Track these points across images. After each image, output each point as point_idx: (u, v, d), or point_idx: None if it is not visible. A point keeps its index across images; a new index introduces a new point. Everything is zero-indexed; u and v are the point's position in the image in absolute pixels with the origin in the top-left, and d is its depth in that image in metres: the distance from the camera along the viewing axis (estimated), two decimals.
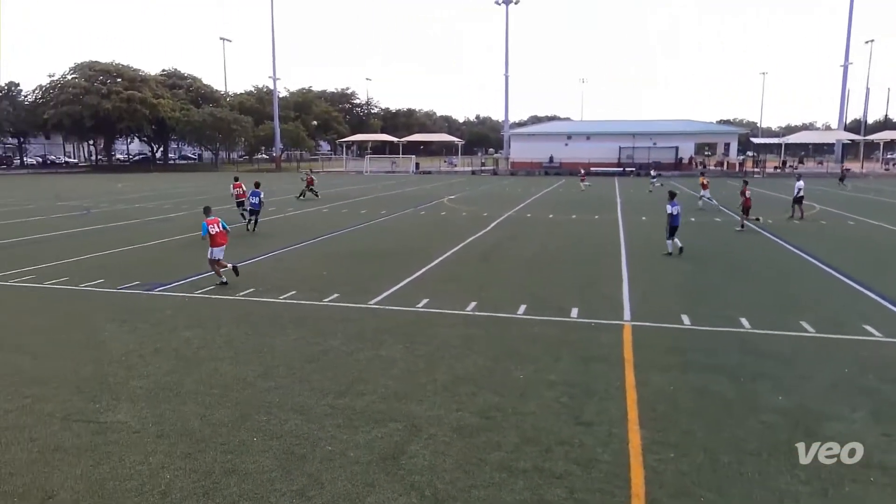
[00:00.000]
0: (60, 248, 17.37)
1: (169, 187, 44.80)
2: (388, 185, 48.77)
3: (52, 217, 25.45)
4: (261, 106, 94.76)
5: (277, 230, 21.36)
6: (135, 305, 10.96)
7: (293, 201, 31.90)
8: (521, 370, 7.90)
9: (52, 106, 75.08)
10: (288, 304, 10.99)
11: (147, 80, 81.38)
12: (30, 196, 36.55)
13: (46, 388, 7.28)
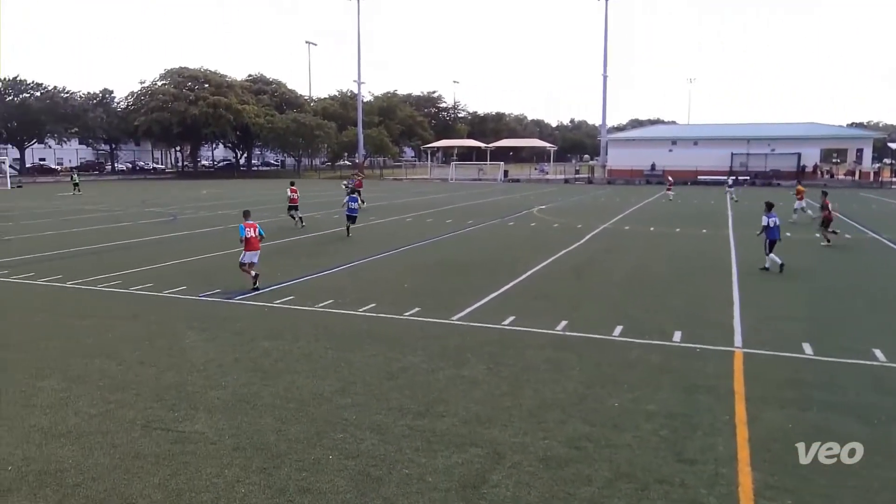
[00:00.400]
0: (146, 254, 18.54)
1: (251, 194, 46.97)
2: (475, 193, 48.99)
3: (140, 223, 27.25)
4: (344, 111, 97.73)
5: (359, 239, 21.89)
6: (215, 314, 11.53)
7: (375, 209, 32.64)
8: (616, 398, 7.68)
9: (142, 112, 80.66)
10: (367, 318, 11.22)
11: (233, 86, 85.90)
12: (119, 202, 39.34)
13: (129, 394, 7.76)
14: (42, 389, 7.89)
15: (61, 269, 15.86)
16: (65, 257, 18.10)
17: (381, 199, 42.26)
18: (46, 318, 11.26)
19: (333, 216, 29.64)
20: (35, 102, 77.24)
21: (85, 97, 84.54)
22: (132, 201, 39.48)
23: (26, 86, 79.40)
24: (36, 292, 13.48)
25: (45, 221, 27.90)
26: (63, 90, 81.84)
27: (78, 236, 22.69)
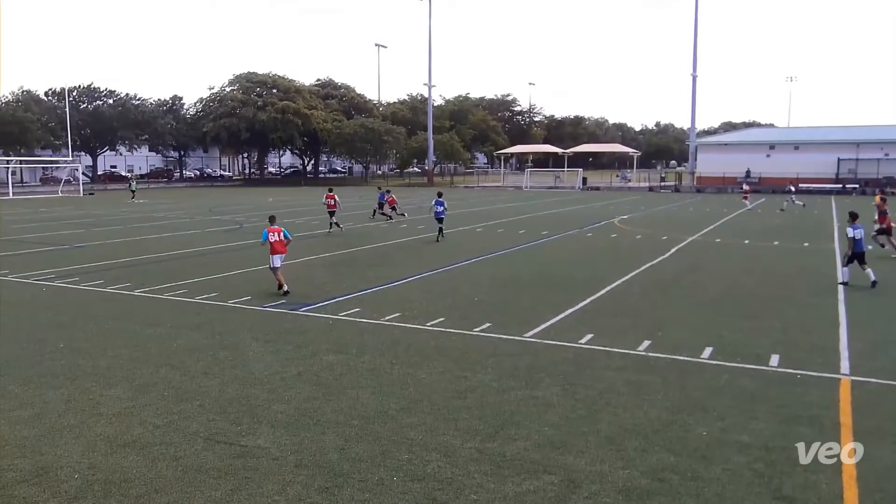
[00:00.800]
0: (212, 262, 19.28)
1: (317, 202, 48.09)
2: (551, 202, 48.64)
3: (206, 231, 28.36)
4: (414, 116, 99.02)
5: (428, 250, 22.09)
6: (279, 325, 11.85)
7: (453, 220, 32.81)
8: (705, 426, 7.43)
9: (210, 119, 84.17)
10: (435, 332, 11.28)
11: (301, 91, 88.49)
12: (187, 209, 41.08)
13: (192, 405, 8.06)
14: (109, 398, 8.30)
15: (130, 276, 16.67)
16: (133, 265, 19.01)
17: (450, 208, 42.43)
18: (115, 326, 11.84)
19: (400, 226, 30.02)
20: (108, 109, 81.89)
21: (155, 104, 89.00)
22: (199, 209, 41.14)
23: (99, 93, 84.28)
24: (105, 300, 14.22)
25: (115, 229, 29.40)
26: (134, 97, 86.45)
27: (146, 244, 23.81)
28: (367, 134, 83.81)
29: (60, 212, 40.28)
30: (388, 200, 33.56)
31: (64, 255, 21.05)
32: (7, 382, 8.80)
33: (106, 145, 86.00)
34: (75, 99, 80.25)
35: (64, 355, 10.03)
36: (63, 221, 33.33)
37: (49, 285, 15.68)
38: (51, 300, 14.23)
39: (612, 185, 73.76)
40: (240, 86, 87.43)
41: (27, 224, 32.01)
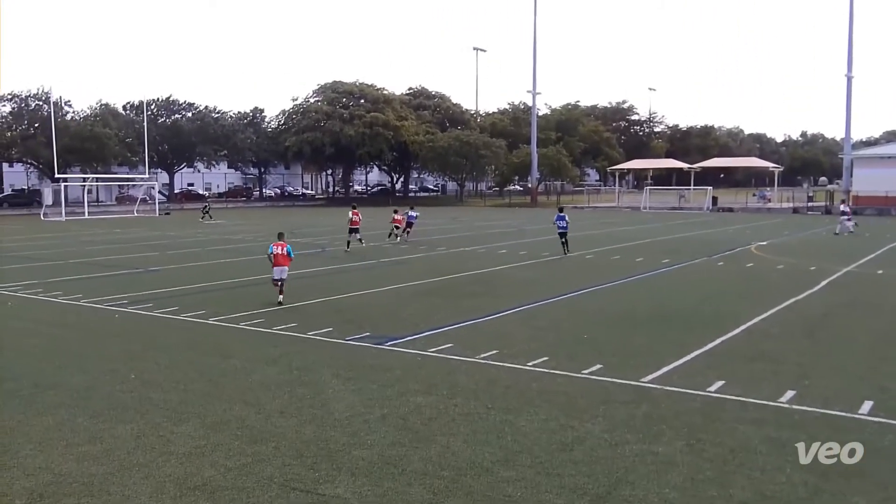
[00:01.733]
0: (291, 289, 19.83)
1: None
2: (674, 225, 47.53)
3: None
4: (516, 127, 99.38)
5: (531, 279, 22.00)
6: (362, 361, 12.05)
7: (549, 244, 32.68)
8: (863, 496, 6.98)
9: (293, 132, 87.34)
10: (538, 374, 11.18)
11: (391, 101, 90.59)
12: (267, 231, 42.66)
13: (267, 447, 8.29)
14: (179, 435, 8.66)
15: (205, 303, 17.43)
16: (208, 291, 19.89)
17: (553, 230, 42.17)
18: (188, 358, 12.39)
19: (499, 251, 30.07)
20: (186, 123, 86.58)
21: (235, 117, 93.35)
22: (280, 230, 42.57)
23: (178, 106, 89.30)
24: (179, 328, 14.92)
25: (191, 251, 30.88)
26: (214, 109, 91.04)
27: (223, 268, 24.87)
28: (462, 147, 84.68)
29: (135, 233, 42.74)
30: (394, 220, 35.16)
31: (138, 280, 22.27)
32: (77, 414, 9.34)
33: (183, 162, 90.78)
34: (153, 112, 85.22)
35: (135, 387, 10.56)
36: (138, 243, 35.33)
37: (121, 311, 16.61)
38: (123, 327, 15.05)
39: (747, 205, 71.35)
40: (325, 96, 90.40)
41: (101, 246, 34.11)
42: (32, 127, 74.44)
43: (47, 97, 71.96)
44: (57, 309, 17.22)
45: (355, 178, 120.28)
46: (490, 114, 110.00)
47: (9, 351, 12.91)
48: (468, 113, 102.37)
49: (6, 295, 19.03)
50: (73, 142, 71.14)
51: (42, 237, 39.75)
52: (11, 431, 8.74)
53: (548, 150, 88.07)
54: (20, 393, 10.25)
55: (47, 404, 9.74)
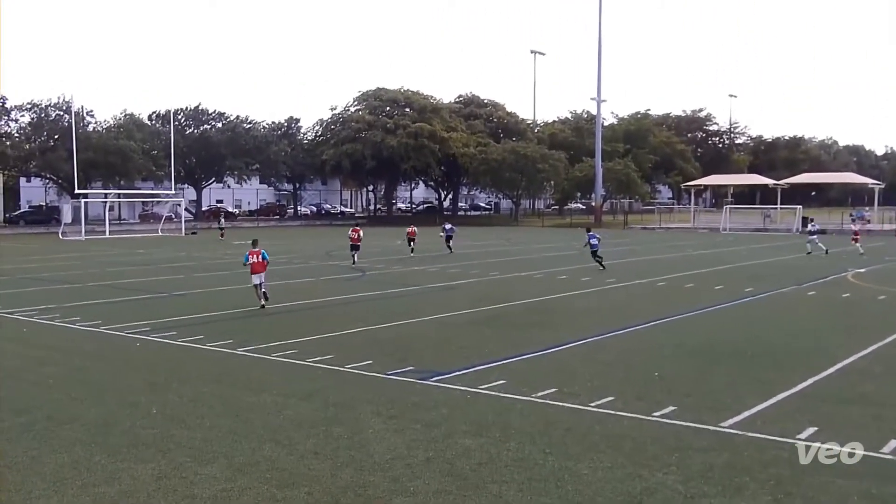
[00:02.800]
0: (328, 317, 20.05)
1: (457, 245, 49.03)
2: (758, 249, 46.76)
3: (322, 279, 29.65)
4: (578, 138, 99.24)
5: (594, 309, 21.82)
6: (405, 398, 12.05)
7: (615, 269, 32.41)
8: None
9: (331, 144, 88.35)
10: (602, 415, 11.04)
11: (439, 109, 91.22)
12: (301, 253, 43.19)
13: (299, 492, 8.32)
14: (204, 477, 8.75)
15: (233, 331, 17.66)
16: (237, 318, 20.15)
17: (621, 254, 41.95)
18: (215, 391, 12.55)
19: (558, 276, 29.94)
20: (215, 134, 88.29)
21: (269, 127, 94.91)
22: (315, 252, 43.12)
23: (207, 115, 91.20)
24: (204, 358, 15.13)
25: (219, 275, 31.38)
26: (245, 119, 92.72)
27: (251, 293, 25.17)
28: (517, 161, 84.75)
29: (159, 254, 43.63)
30: (410, 233, 41.66)
31: (161, 305, 22.70)
32: (94, 452, 9.51)
33: (212, 176, 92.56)
34: (181, 123, 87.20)
35: (156, 423, 10.72)
36: (162, 265, 36.05)
37: (143, 339, 16.92)
38: (144, 357, 15.33)
39: (843, 226, 69.76)
40: (367, 105, 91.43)
41: (123, 267, 34.89)
42: (52, 139, 76.79)
43: (68, 106, 74.19)
44: (74, 336, 17.63)
45: (399, 194, 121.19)
46: (549, 123, 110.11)
47: (23, 381, 13.24)
48: (524, 122, 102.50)
49: (21, 320, 19.56)
50: (96, 155, 73.14)
51: (60, 257, 40.83)
52: (24, 469, 8.93)
53: (614, 164, 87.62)
54: (34, 427, 10.49)
55: (62, 440, 9.95)
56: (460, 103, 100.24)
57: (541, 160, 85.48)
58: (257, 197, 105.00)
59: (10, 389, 12.65)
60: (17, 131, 78.82)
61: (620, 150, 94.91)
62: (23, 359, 15.13)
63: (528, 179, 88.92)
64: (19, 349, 16.12)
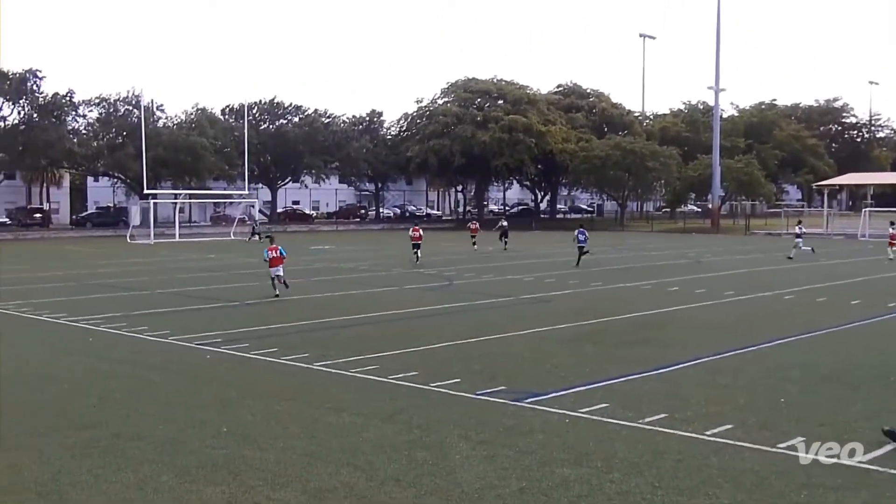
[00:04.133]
0: (412, 331, 20.19)
1: (552, 251, 48.80)
2: None
3: (406, 288, 29.89)
4: (693, 132, 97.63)
5: (711, 323, 21.40)
6: (496, 420, 12.03)
7: (735, 279, 31.72)
8: None
9: (416, 140, 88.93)
10: (719, 445, 10.81)
11: (535, 101, 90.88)
12: (383, 258, 43.66)
13: None
14: (276, 503, 8.91)
15: (308, 344, 17.94)
16: (313, 330, 20.48)
17: (739, 262, 41.02)
18: (289, 408, 12.77)
19: (669, 288, 29.49)
20: (292, 130, 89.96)
21: (349, 122, 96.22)
22: (398, 258, 43.50)
23: (284, 109, 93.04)
24: (279, 372, 15.42)
25: (294, 283, 31.89)
26: (324, 114, 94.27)
27: (330, 303, 25.58)
28: (623, 158, 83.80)
29: (232, 259, 44.75)
30: (472, 230, 48.61)
31: (233, 314, 23.26)
32: (161, 471, 9.79)
33: (288, 175, 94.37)
34: (255, 117, 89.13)
35: (227, 442, 10.97)
36: (234, 271, 36.93)
37: (213, 351, 17.36)
38: (214, 370, 15.72)
39: None
40: (456, 96, 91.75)
41: (193, 273, 35.92)
42: (121, 135, 79.49)
43: (138, 101, 76.58)
44: (142, 347, 18.21)
45: (491, 195, 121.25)
46: (660, 116, 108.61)
47: (89, 394, 13.73)
48: (631, 115, 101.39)
49: (88, 329, 20.31)
50: (165, 152, 75.30)
51: (128, 262, 42.28)
52: (88, 487, 9.26)
53: (734, 161, 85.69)
54: (99, 443, 10.86)
55: (128, 458, 10.27)
56: (560, 94, 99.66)
57: (650, 157, 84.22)
58: (336, 198, 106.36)
59: (75, 403, 13.16)
60: (85, 128, 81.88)
61: (741, 146, 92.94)
62: (89, 371, 15.71)
63: (636, 178, 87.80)
64: (85, 361, 16.74)
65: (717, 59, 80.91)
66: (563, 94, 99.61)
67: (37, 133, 72.71)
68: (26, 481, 9.41)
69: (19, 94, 73.10)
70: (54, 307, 23.89)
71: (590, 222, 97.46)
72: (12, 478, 9.51)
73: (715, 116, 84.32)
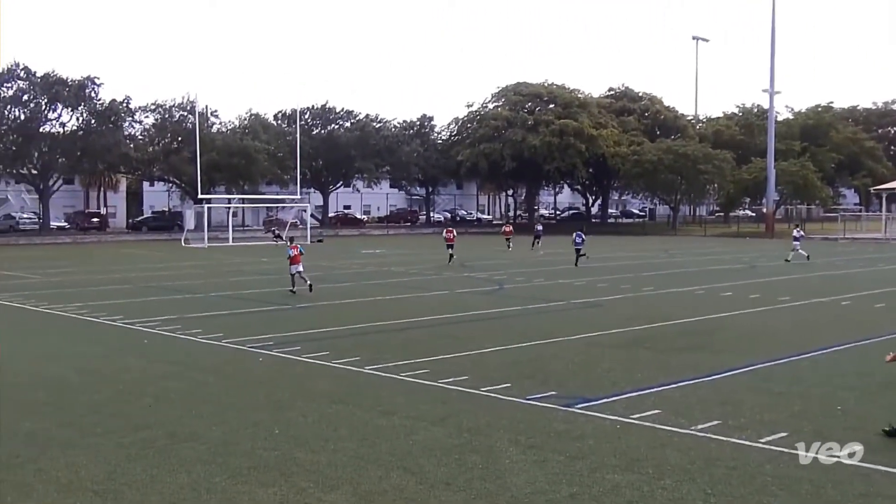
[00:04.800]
0: (463, 335, 20.20)
1: (607, 256, 48.53)
2: None
3: (457, 292, 29.95)
4: (747, 136, 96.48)
5: (766, 329, 21.13)
6: (546, 425, 12.00)
7: (790, 284, 31.27)
8: None
9: (467, 144, 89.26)
10: (773, 453, 10.65)
11: (587, 104, 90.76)
12: (433, 262, 43.74)
13: None
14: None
15: (359, 348, 18.08)
16: (364, 333, 20.62)
17: (794, 267, 40.42)
18: (339, 411, 12.86)
19: (723, 293, 29.17)
20: (343, 135, 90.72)
21: (400, 126, 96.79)
22: (447, 262, 43.60)
23: (335, 114, 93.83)
24: (330, 376, 15.53)
25: (346, 286, 32.23)
26: (375, 118, 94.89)
27: (381, 307, 25.73)
28: (675, 161, 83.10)
29: (284, 263, 44.81)
30: (505, 232, 50.87)
31: (285, 318, 23.50)
32: (214, 472, 9.92)
33: (339, 179, 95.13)
34: (307, 122, 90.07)
35: (279, 444, 11.09)
36: (286, 275, 37.09)
37: (266, 354, 17.54)
38: (266, 373, 15.88)
39: None
40: (506, 100, 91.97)
41: (246, 277, 36.35)
42: (176, 140, 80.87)
43: (192, 107, 77.89)
44: (196, 349, 18.47)
45: (541, 199, 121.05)
46: (713, 119, 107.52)
47: (144, 395, 13.96)
48: (684, 118, 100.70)
49: (143, 331, 20.66)
50: (219, 157, 76.47)
51: (182, 265, 42.91)
52: (142, 487, 9.41)
53: (789, 165, 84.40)
54: (155, 444, 11.04)
55: (182, 459, 10.42)
56: (611, 97, 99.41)
57: (703, 160, 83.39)
58: (387, 202, 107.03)
59: (131, 404, 13.39)
60: (141, 133, 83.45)
61: (797, 149, 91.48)
62: (144, 372, 15.97)
63: (688, 182, 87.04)
64: (141, 362, 17.02)
65: (772, 60, 79.88)
66: (615, 98, 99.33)
67: (95, 138, 74.34)
68: (83, 480, 9.61)
69: (78, 101, 74.79)
70: (111, 309, 24.33)
71: (641, 227, 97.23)
72: (70, 476, 9.71)
73: (770, 119, 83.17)
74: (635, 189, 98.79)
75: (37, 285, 32.89)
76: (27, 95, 73.51)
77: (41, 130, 75.12)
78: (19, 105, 73.38)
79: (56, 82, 73.14)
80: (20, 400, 13.59)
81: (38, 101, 73.99)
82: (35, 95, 73.60)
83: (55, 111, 75.48)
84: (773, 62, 79.75)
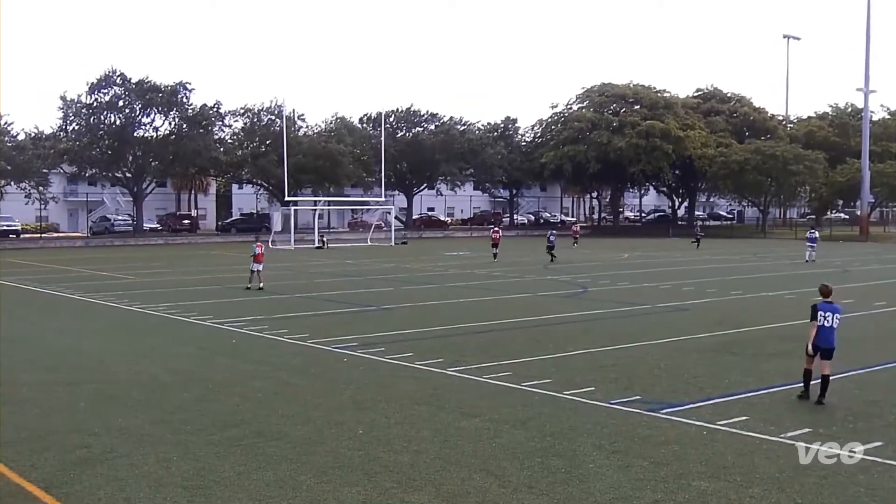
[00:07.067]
0: (546, 337, 20.12)
1: (690, 259, 47.81)
2: None
3: (540, 295, 29.83)
4: (841, 136, 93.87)
5: (859, 336, 20.55)
6: (630, 430, 11.88)
7: (884, 289, 30.32)
8: None
9: (551, 146, 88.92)
10: (867, 463, 10.34)
11: (673, 105, 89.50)
12: (517, 265, 43.66)
13: None
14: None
15: (443, 350, 18.16)
16: (448, 335, 20.70)
17: (890, 272, 39.23)
18: (422, 413, 12.94)
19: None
20: (428, 137, 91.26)
21: (484, 129, 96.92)
22: (532, 264, 43.47)
23: (419, 117, 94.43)
24: (413, 377, 15.64)
25: (429, 288, 32.38)
26: (459, 121, 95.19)
27: (465, 308, 25.81)
28: (764, 162, 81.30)
29: (369, 264, 45.65)
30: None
31: (369, 319, 23.74)
32: (300, 471, 10.08)
33: (423, 182, 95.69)
34: (392, 125, 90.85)
35: (362, 444, 11.21)
36: (370, 276, 37.69)
37: (350, 354, 17.76)
38: (350, 373, 16.07)
39: None
40: (590, 102, 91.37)
41: (331, 279, 36.82)
42: (264, 144, 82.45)
43: (280, 111, 79.28)
44: (282, 349, 18.79)
45: (626, 202, 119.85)
46: (804, 119, 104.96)
47: (232, 394, 14.28)
48: (774, 119, 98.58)
49: (232, 331, 21.11)
50: (306, 159, 77.70)
51: (269, 267, 43.58)
52: (231, 484, 9.62)
53: (885, 166, 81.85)
54: (242, 442, 11.28)
55: (269, 457, 10.63)
56: (699, 98, 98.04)
57: (793, 161, 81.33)
58: (471, 204, 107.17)
59: (219, 403, 13.71)
60: (231, 137, 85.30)
61: (893, 150, 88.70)
62: (232, 371, 16.32)
63: (778, 184, 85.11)
64: (229, 362, 17.41)
65: (867, 58, 77.61)
66: (703, 99, 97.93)
67: (186, 142, 76.29)
68: (174, 476, 9.87)
69: (170, 106, 76.95)
70: (201, 309, 24.93)
71: (729, 229, 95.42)
72: (161, 472, 9.99)
73: (865, 119, 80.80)
74: (722, 190, 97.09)
75: (131, 285, 33.89)
76: (122, 101, 75.87)
77: (135, 135, 77.47)
78: (115, 111, 75.77)
79: (150, 88, 75.38)
80: (116, 397, 14.07)
81: (133, 107, 76.36)
82: (130, 101, 75.95)
83: (149, 116, 77.91)
84: (867, 60, 77.54)
